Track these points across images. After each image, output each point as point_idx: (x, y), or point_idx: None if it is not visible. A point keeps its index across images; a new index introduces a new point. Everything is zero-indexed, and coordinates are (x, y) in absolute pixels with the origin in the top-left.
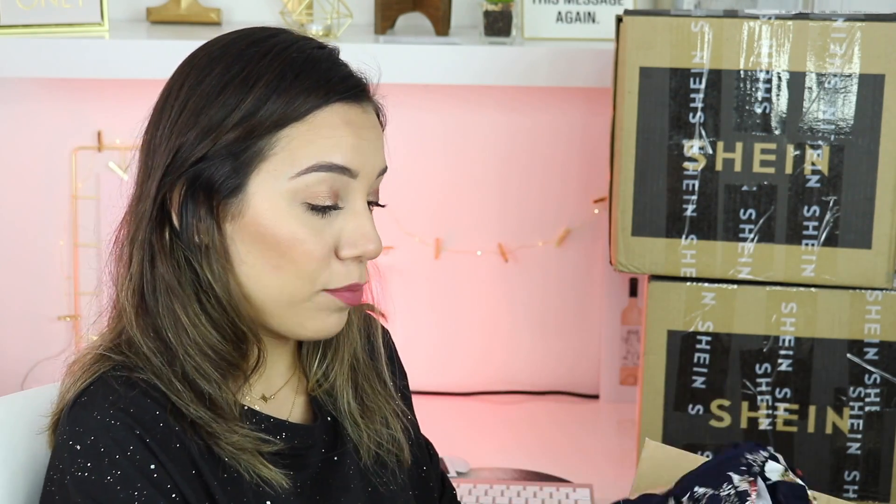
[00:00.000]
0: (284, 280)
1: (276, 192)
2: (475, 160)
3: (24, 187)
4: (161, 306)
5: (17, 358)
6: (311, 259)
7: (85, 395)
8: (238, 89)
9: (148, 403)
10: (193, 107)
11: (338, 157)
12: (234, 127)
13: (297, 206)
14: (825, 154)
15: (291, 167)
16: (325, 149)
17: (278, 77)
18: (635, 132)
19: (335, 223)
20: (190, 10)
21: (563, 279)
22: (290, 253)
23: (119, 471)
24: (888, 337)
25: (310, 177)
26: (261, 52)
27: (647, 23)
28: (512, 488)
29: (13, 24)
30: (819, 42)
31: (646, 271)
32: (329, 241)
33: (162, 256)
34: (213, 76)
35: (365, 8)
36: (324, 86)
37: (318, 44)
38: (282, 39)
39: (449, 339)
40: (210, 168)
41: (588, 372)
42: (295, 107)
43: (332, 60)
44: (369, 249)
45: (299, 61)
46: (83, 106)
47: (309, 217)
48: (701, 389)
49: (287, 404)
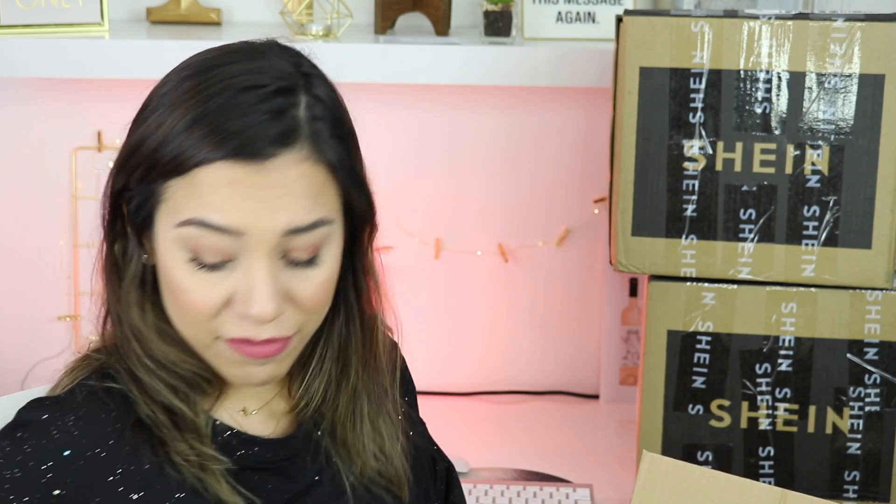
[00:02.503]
0: (183, 323)
1: (168, 236)
2: (475, 160)
3: (24, 187)
4: (123, 317)
5: (18, 358)
6: (195, 309)
7: (50, 400)
8: (151, 127)
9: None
10: (128, 134)
11: (214, 216)
12: (139, 166)
13: (184, 253)
14: (825, 154)
15: (175, 216)
16: (202, 206)
17: (182, 123)
18: (635, 132)
19: (229, 278)
20: (190, 10)
21: (563, 279)
22: (179, 298)
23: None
24: (888, 337)
25: (188, 230)
26: (189, 86)
27: (647, 23)
28: (512, 488)
29: (13, 24)
30: (819, 42)
31: (646, 271)
32: (219, 296)
33: (112, 275)
34: (148, 105)
35: (365, 8)
36: (212, 141)
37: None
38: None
39: (449, 340)
40: (127, 199)
41: (588, 372)
42: (181, 160)
43: (247, 106)
44: (254, 315)
45: (211, 107)
46: (83, 106)
47: (195, 269)
48: (701, 389)
49: (271, 417)
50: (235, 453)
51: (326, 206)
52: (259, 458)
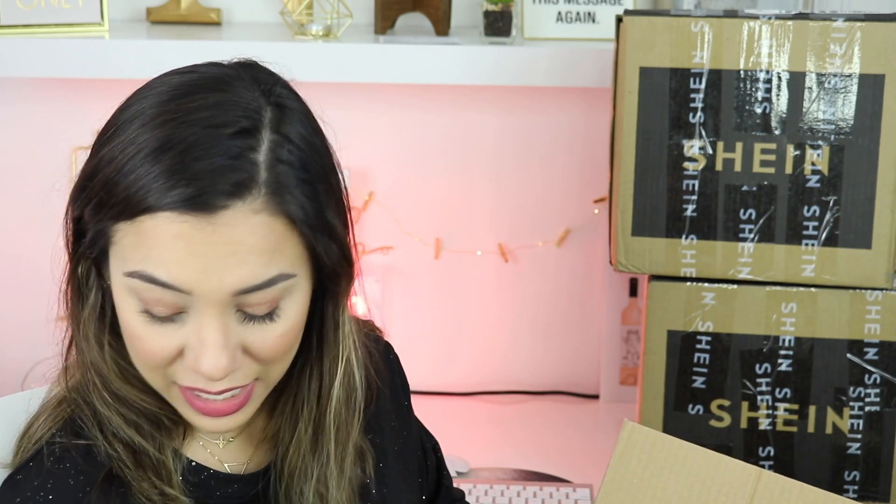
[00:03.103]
0: (139, 366)
1: (118, 281)
2: (475, 160)
3: (24, 187)
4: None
5: (17, 358)
6: (148, 357)
7: (21, 473)
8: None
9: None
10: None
11: (160, 272)
12: (89, 201)
13: (136, 301)
14: (825, 154)
15: (122, 264)
16: (147, 259)
17: (134, 164)
18: (635, 132)
19: (181, 330)
20: (190, 10)
21: (563, 279)
22: (133, 345)
23: None
24: (888, 337)
25: (135, 282)
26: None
27: (647, 23)
28: (512, 488)
29: (13, 24)
30: (819, 42)
31: (646, 271)
32: (170, 346)
33: (82, 298)
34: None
35: (365, 8)
36: (161, 188)
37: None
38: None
39: (449, 340)
40: (81, 232)
41: (588, 372)
42: (128, 204)
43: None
44: (204, 370)
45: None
46: (83, 106)
47: (146, 319)
48: (701, 389)
49: (248, 443)
50: (215, 493)
51: (285, 260)
52: (239, 495)
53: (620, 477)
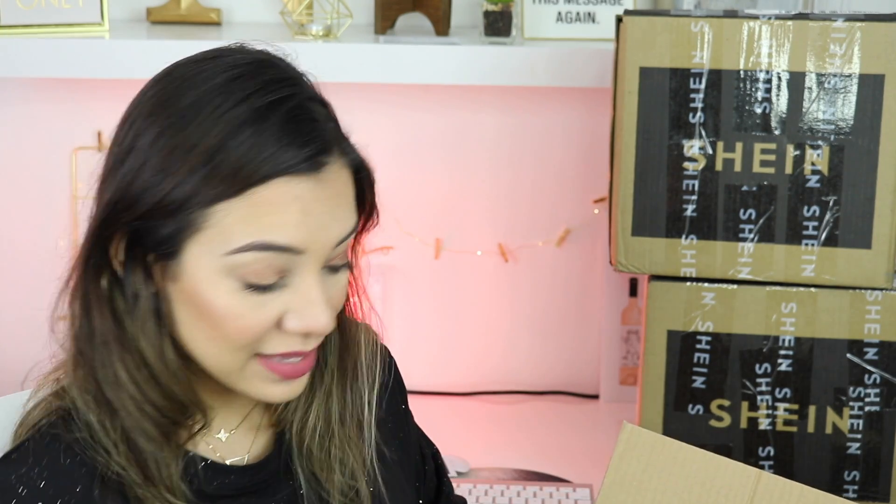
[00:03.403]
0: (218, 351)
1: (211, 265)
2: (475, 160)
3: (24, 187)
4: (97, 359)
5: (17, 358)
6: (245, 334)
7: (15, 452)
8: (173, 155)
9: (72, 467)
10: (133, 163)
11: (278, 237)
12: (168, 194)
13: (234, 281)
14: (825, 154)
15: (225, 244)
16: (264, 228)
17: (217, 145)
18: (635, 132)
19: (280, 298)
20: (190, 11)
21: (563, 279)
22: (223, 327)
23: None
24: (888, 337)
25: (245, 256)
26: (205, 108)
27: (647, 23)
28: (512, 488)
29: (13, 24)
30: (819, 42)
31: (646, 271)
32: (270, 316)
33: (98, 307)
34: (151, 131)
35: (365, 8)
36: (269, 157)
37: (286, 91)
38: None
39: (449, 340)
40: (147, 227)
41: (588, 372)
42: (232, 182)
43: (291, 119)
44: (315, 328)
45: (249, 122)
46: (83, 106)
47: (246, 294)
48: (701, 389)
49: (248, 438)
50: (212, 483)
51: (355, 213)
52: (236, 486)
53: (620, 479)
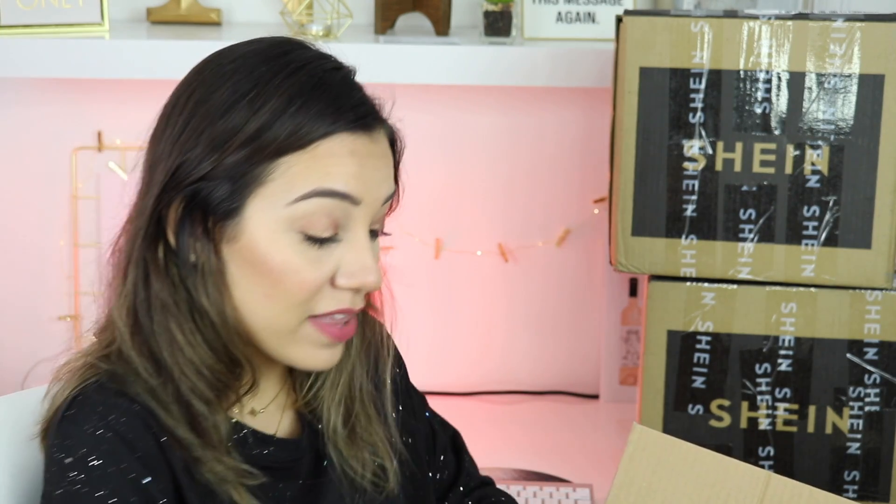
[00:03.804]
0: (275, 310)
1: (272, 218)
2: (475, 160)
3: (24, 187)
4: (156, 325)
5: (18, 357)
6: (303, 289)
7: (73, 408)
8: (243, 111)
9: (135, 417)
10: (197, 124)
11: (339, 184)
12: (236, 150)
13: (294, 234)
14: (825, 154)
15: (290, 193)
16: (326, 176)
17: (286, 102)
18: (635, 132)
19: (334, 253)
20: (190, 11)
21: (563, 279)
22: (282, 282)
23: (112, 485)
24: (888, 337)
25: (307, 203)
26: (271, 71)
27: (647, 23)
28: (512, 488)
29: (13, 24)
30: (819, 42)
31: (646, 271)
32: (325, 272)
33: (156, 274)
34: (219, 93)
35: (365, 8)
36: (331, 114)
37: (334, 64)
38: (295, 58)
39: (449, 339)
40: (208, 188)
41: (588, 372)
42: (299, 135)
43: (345, 85)
44: (368, 282)
45: (309, 85)
46: (83, 106)
47: (305, 247)
48: (701, 389)
49: (275, 418)
50: (252, 452)
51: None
52: (272, 458)
53: (630, 481)
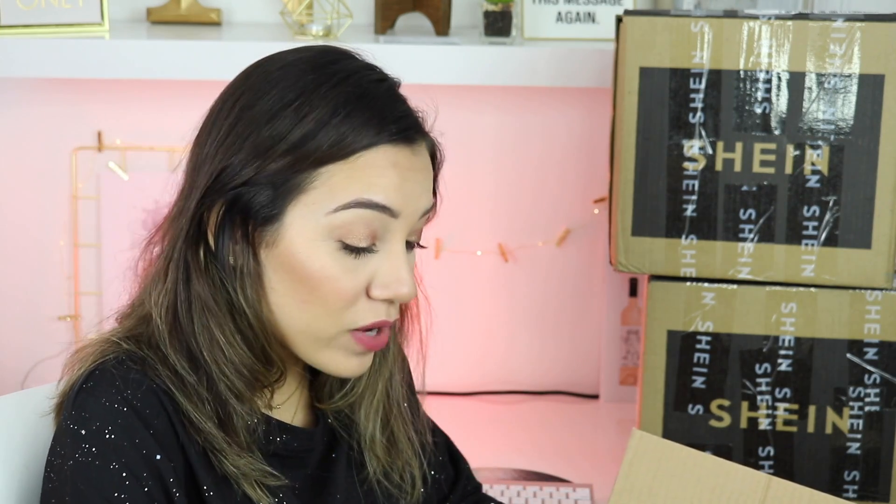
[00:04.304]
0: (311, 316)
1: (312, 226)
2: (475, 160)
3: (24, 187)
4: (196, 324)
5: (18, 357)
6: (339, 297)
7: (91, 381)
8: (288, 119)
9: (152, 394)
10: (242, 129)
11: (379, 196)
12: (279, 157)
13: (332, 242)
14: (825, 154)
15: (330, 202)
16: (367, 187)
17: (331, 112)
18: (635, 132)
19: (370, 263)
20: (190, 11)
21: (563, 279)
22: (319, 289)
23: (124, 458)
24: (888, 337)
25: (348, 213)
26: (317, 80)
27: (647, 23)
28: (512, 488)
29: (13, 24)
30: (819, 42)
31: (646, 271)
32: (361, 281)
33: (197, 274)
34: (266, 100)
35: (365, 8)
36: (374, 126)
37: (379, 75)
38: (342, 68)
39: (449, 340)
40: (250, 193)
41: (588, 372)
42: (342, 145)
43: (389, 96)
44: (401, 294)
45: (354, 96)
46: (83, 106)
47: (342, 255)
48: (701, 389)
49: (291, 409)
50: (265, 439)
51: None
52: (286, 447)
53: (630, 486)
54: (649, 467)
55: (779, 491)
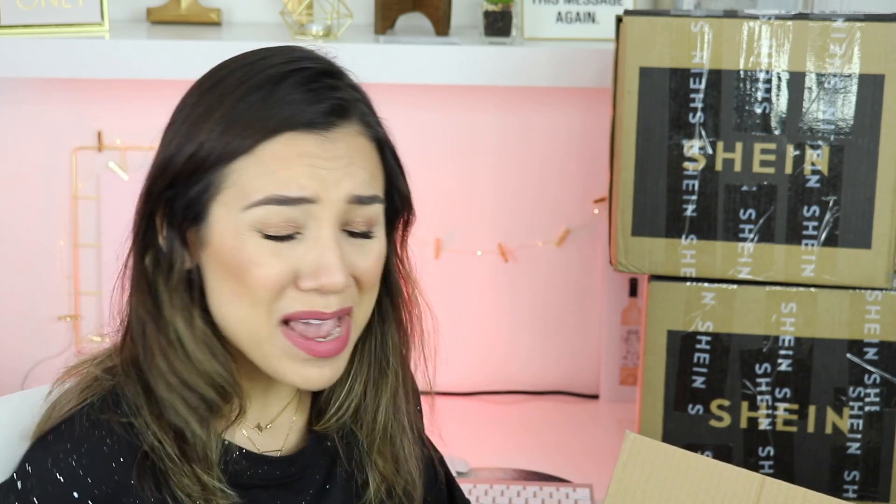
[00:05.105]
0: (244, 310)
1: (234, 223)
2: (475, 160)
3: (24, 187)
4: (144, 339)
5: (18, 358)
6: (265, 284)
7: (53, 434)
8: (196, 122)
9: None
10: (169, 136)
11: (290, 189)
12: (186, 161)
13: (254, 233)
14: (825, 154)
15: (244, 199)
16: (276, 182)
17: (231, 108)
18: (635, 132)
19: (297, 249)
20: (190, 11)
21: (563, 279)
22: (246, 277)
23: None
24: (888, 337)
25: (261, 210)
26: (230, 80)
27: (647, 23)
28: (512, 488)
29: (13, 24)
30: (819, 42)
31: (646, 271)
32: (287, 266)
33: (139, 285)
34: (187, 106)
35: (365, 8)
36: (273, 116)
37: (297, 65)
38: (257, 60)
39: (449, 340)
40: (178, 194)
41: (588, 372)
42: (242, 140)
43: (301, 82)
44: (326, 283)
45: (257, 88)
46: (83, 106)
47: (266, 242)
48: (701, 389)
49: (283, 431)
50: (245, 473)
51: (378, 185)
52: (267, 477)
53: (624, 489)
54: (643, 470)
55: (773, 491)
